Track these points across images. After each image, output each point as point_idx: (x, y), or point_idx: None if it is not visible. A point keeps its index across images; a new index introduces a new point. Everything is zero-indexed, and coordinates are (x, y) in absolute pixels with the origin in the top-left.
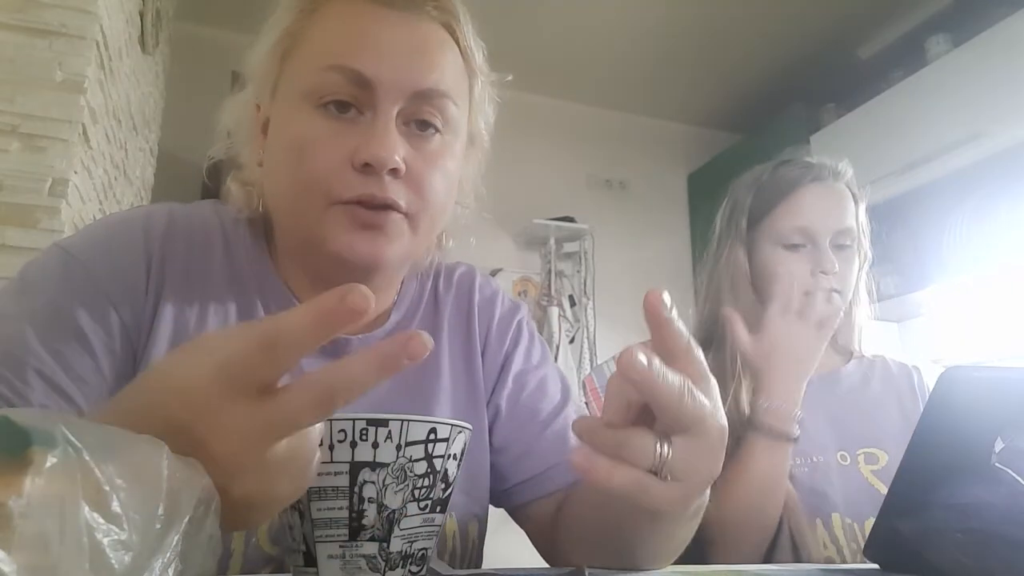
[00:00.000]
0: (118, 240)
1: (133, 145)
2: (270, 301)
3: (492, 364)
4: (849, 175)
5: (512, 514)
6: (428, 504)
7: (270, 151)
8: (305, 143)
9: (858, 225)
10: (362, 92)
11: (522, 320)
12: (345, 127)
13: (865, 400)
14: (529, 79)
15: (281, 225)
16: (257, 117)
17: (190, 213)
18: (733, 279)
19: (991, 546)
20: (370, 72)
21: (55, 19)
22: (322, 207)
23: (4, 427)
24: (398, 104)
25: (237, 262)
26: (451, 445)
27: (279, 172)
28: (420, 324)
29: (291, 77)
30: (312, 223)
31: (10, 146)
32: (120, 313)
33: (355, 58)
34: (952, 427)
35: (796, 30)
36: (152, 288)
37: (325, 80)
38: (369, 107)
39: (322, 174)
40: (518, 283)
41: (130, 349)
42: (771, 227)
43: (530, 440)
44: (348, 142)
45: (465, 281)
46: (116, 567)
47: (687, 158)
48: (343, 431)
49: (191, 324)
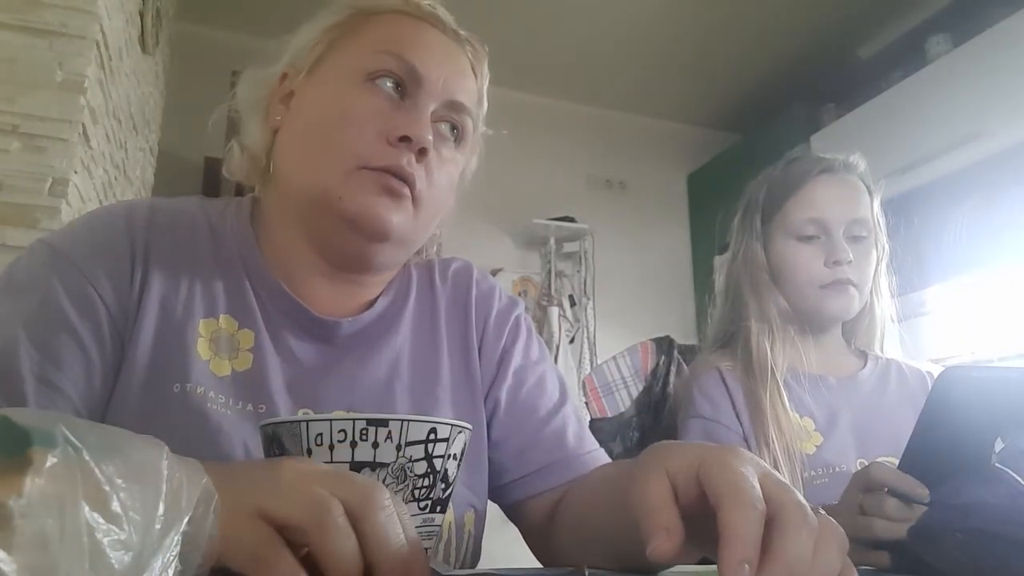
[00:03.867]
0: (102, 232)
1: (133, 145)
2: (257, 283)
3: (490, 358)
4: (862, 168)
5: (507, 511)
6: (428, 504)
7: (298, 119)
8: (346, 112)
9: (873, 217)
10: (409, 80)
11: (520, 315)
12: (387, 107)
13: (883, 405)
14: (529, 79)
15: (292, 188)
16: (281, 87)
17: (173, 204)
18: (752, 275)
19: (991, 546)
20: (422, 68)
21: (55, 19)
22: (348, 170)
23: (4, 427)
24: (435, 103)
25: (224, 247)
26: (451, 445)
27: (309, 137)
28: (414, 311)
29: (339, 57)
30: (333, 184)
31: (10, 146)
32: (107, 303)
33: (410, 53)
34: (952, 427)
35: (796, 30)
36: (138, 276)
37: (380, 61)
38: (410, 96)
39: (357, 142)
40: (518, 283)
41: (118, 337)
42: (784, 220)
43: (527, 437)
44: (387, 119)
45: (462, 275)
46: (116, 567)
47: (687, 158)
48: (343, 431)
49: (178, 310)
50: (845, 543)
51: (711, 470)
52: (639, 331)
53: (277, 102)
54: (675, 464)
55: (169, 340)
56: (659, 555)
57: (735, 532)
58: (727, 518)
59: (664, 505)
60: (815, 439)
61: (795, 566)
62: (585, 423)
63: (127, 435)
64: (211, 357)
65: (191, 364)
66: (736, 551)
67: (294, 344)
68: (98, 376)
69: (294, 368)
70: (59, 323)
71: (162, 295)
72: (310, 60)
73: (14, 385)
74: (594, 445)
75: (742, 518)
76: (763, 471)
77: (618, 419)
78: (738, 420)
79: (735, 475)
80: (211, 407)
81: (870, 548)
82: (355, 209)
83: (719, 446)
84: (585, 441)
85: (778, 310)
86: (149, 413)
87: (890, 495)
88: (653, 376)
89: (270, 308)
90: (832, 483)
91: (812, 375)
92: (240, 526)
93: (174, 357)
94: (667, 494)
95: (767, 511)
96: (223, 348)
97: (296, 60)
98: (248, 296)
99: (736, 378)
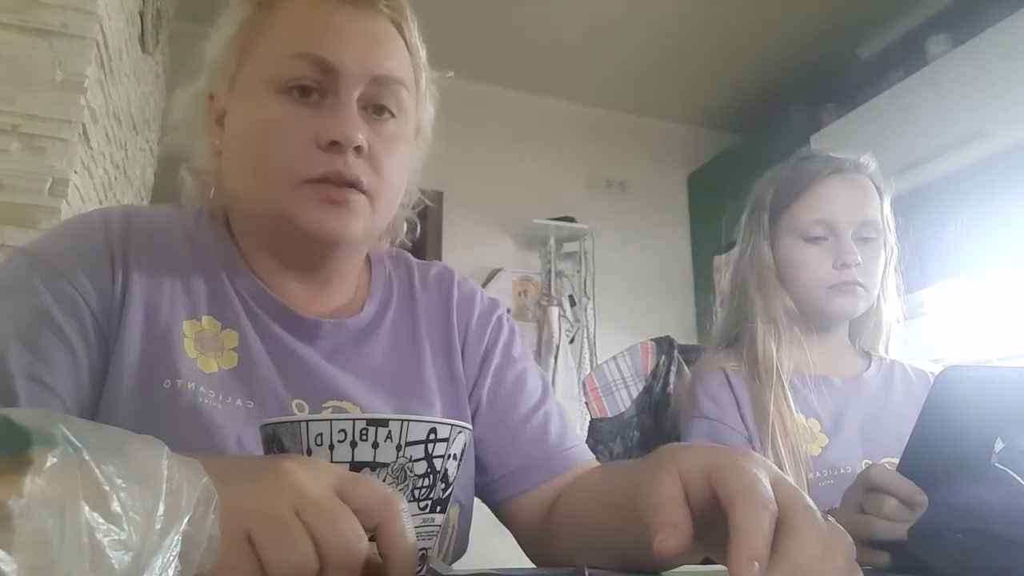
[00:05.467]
0: (80, 238)
1: (133, 145)
2: (238, 284)
3: (473, 359)
4: (872, 168)
5: (495, 511)
6: (428, 504)
7: (232, 139)
8: (271, 127)
9: (883, 219)
10: (325, 78)
11: (502, 316)
12: (309, 112)
13: (888, 407)
14: (529, 79)
15: (245, 207)
16: (212, 108)
17: (148, 211)
18: (759, 274)
19: (991, 546)
20: (333, 59)
21: (55, 19)
22: (291, 187)
23: (4, 427)
24: (358, 88)
25: (201, 251)
26: (451, 445)
27: (244, 157)
28: (396, 315)
29: (252, 67)
30: (281, 202)
31: (10, 146)
32: (90, 305)
33: (318, 46)
34: (951, 427)
35: (796, 30)
36: (119, 280)
37: (290, 67)
38: (331, 92)
39: (289, 155)
40: (518, 283)
41: (103, 339)
42: (792, 220)
43: (508, 435)
44: (313, 124)
45: (444, 278)
46: (116, 567)
47: (687, 158)
48: (343, 431)
49: (162, 311)
50: (852, 550)
51: (724, 472)
52: (639, 331)
53: (213, 123)
54: (687, 465)
55: (156, 339)
56: (665, 549)
57: (746, 531)
58: (739, 518)
59: (673, 502)
60: (820, 440)
61: (803, 568)
62: (568, 419)
63: (127, 435)
64: (198, 356)
65: (180, 361)
66: (747, 549)
67: (280, 342)
68: (86, 375)
69: (280, 366)
70: (46, 324)
71: (145, 298)
72: (229, 75)
73: (4, 383)
74: (577, 440)
75: (754, 518)
76: (775, 475)
77: (618, 419)
78: (743, 421)
79: (748, 477)
80: (202, 401)
81: (870, 548)
82: (308, 225)
83: (731, 449)
84: (567, 437)
85: (784, 310)
86: (141, 410)
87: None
88: (653, 376)
89: (253, 307)
90: (837, 484)
91: (817, 376)
92: (230, 556)
93: (162, 355)
94: (677, 493)
95: (777, 514)
96: (208, 348)
97: (216, 77)
98: (230, 297)
99: (741, 379)
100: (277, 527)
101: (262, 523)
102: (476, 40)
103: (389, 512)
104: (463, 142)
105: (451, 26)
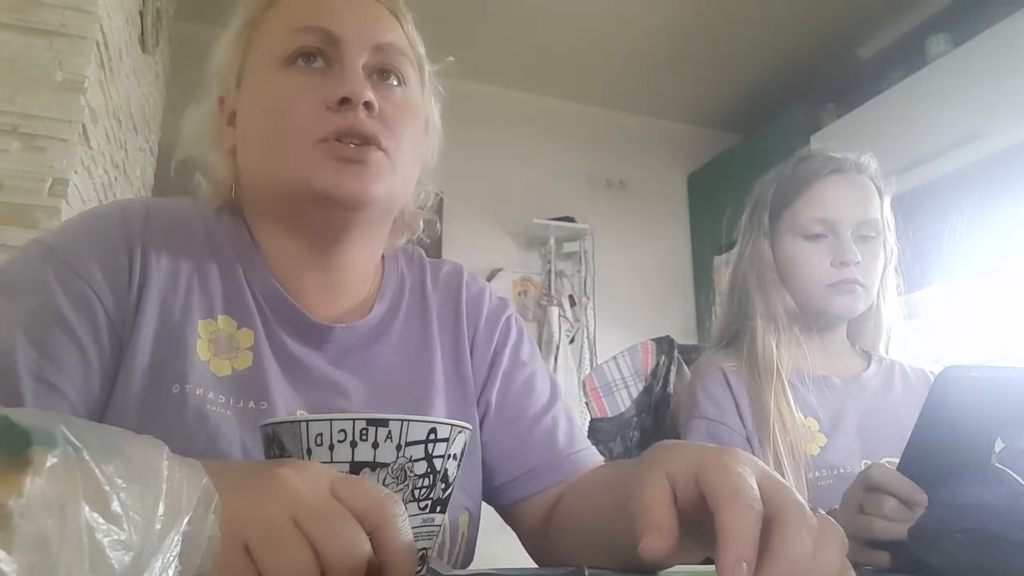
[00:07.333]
0: (97, 232)
1: (133, 145)
2: (254, 283)
3: (481, 360)
4: (873, 168)
5: (502, 514)
6: (428, 504)
7: (244, 125)
8: (281, 97)
9: (883, 218)
10: (329, 47)
11: (511, 317)
12: (316, 78)
13: (888, 406)
14: (529, 79)
15: (260, 182)
16: (222, 111)
17: (168, 205)
18: (759, 272)
19: (991, 546)
20: (335, 28)
21: (55, 19)
22: (305, 148)
23: (4, 427)
24: (363, 56)
25: (220, 247)
26: (451, 445)
27: (258, 132)
28: (407, 315)
29: (257, 57)
30: (296, 166)
31: (10, 146)
32: (105, 305)
33: (320, 19)
34: (951, 427)
35: (796, 30)
36: (136, 278)
37: (293, 40)
38: (336, 60)
39: (302, 118)
40: (518, 283)
41: (116, 340)
42: (792, 219)
43: (517, 438)
44: (321, 89)
45: (453, 278)
46: (116, 567)
47: (687, 158)
48: (343, 431)
49: (177, 312)
50: (845, 543)
51: (709, 472)
52: (639, 331)
53: (225, 126)
54: (674, 466)
55: (168, 342)
56: (649, 552)
57: (732, 532)
58: (724, 518)
59: (660, 504)
60: (819, 440)
61: (795, 565)
62: (577, 422)
63: (127, 435)
64: (210, 358)
65: (190, 365)
66: (733, 550)
67: (290, 346)
68: (96, 377)
69: (290, 369)
70: (57, 323)
71: (161, 297)
72: (235, 71)
73: (12, 384)
74: (586, 443)
75: (739, 518)
76: (761, 472)
77: (618, 419)
78: (742, 421)
79: (732, 476)
80: (210, 408)
81: (870, 548)
82: (324, 185)
83: (718, 448)
84: (576, 440)
85: (784, 309)
86: (148, 414)
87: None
88: (653, 376)
89: (267, 309)
90: (837, 484)
91: (817, 376)
92: (228, 567)
93: (173, 359)
94: (665, 494)
95: (766, 512)
96: (222, 348)
97: (224, 80)
98: (245, 295)
99: (740, 379)
100: (274, 536)
101: (258, 532)
102: (476, 40)
103: (385, 514)
104: (463, 142)
105: (451, 26)
